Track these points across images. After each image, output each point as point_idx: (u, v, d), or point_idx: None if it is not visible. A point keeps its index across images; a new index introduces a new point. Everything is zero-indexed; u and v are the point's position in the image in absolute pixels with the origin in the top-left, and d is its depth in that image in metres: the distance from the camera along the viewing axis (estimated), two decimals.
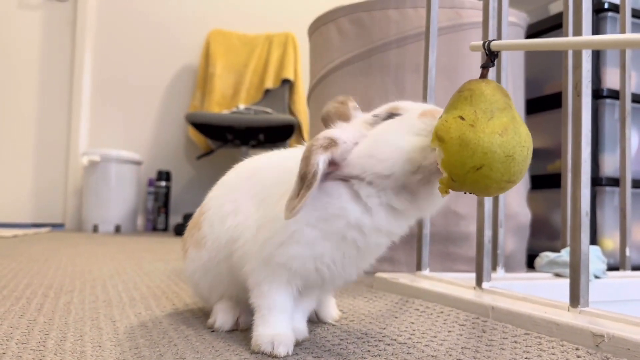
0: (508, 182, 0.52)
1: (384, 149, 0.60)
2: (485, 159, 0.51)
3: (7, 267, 1.42)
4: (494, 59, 0.55)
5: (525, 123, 0.55)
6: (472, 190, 0.54)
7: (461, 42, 1.53)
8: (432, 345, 0.69)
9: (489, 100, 0.52)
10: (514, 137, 0.51)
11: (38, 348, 0.63)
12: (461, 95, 0.54)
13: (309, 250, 0.62)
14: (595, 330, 0.69)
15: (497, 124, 0.51)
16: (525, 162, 0.52)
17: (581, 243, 0.80)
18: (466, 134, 0.51)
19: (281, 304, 0.65)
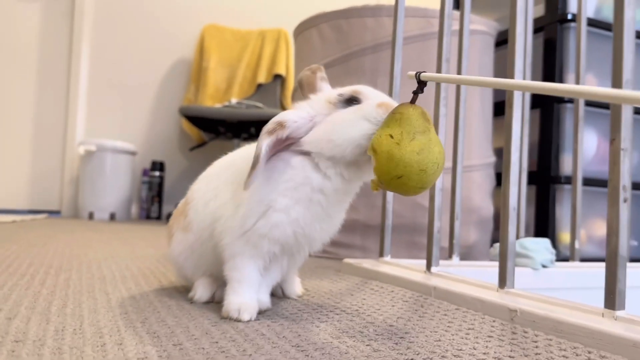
0: (421, 188, 0.69)
1: (339, 136, 0.74)
2: (405, 171, 0.67)
3: (9, 249, 1.55)
4: (423, 87, 0.69)
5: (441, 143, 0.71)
6: (395, 191, 0.70)
7: (432, 50, 1.66)
8: (374, 315, 0.83)
9: (413, 124, 0.68)
10: (428, 155, 0.67)
11: (43, 312, 0.76)
12: (394, 116, 0.70)
13: (286, 216, 0.76)
14: (511, 306, 0.83)
15: (416, 145, 0.67)
16: (435, 174, 0.69)
17: (509, 234, 0.94)
18: (392, 150, 0.67)
19: (249, 277, 0.79)
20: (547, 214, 1.95)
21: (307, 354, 0.60)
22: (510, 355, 0.63)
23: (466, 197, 1.65)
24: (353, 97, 0.76)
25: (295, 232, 0.77)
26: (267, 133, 0.73)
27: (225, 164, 0.89)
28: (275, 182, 0.75)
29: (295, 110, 0.78)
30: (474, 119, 1.71)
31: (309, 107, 0.79)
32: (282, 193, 0.75)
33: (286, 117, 0.75)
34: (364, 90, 0.77)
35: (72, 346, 0.59)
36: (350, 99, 0.76)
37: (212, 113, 3.37)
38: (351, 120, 0.74)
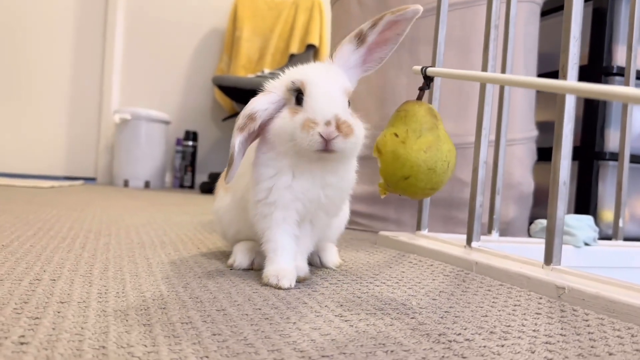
0: (431, 189, 0.65)
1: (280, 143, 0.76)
2: (412, 171, 0.63)
3: (49, 213, 1.58)
4: (429, 82, 0.66)
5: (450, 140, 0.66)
6: (402, 194, 0.67)
7: (474, 17, 1.59)
8: (415, 288, 0.81)
9: (419, 121, 0.64)
10: (436, 153, 0.63)
11: (86, 274, 0.77)
12: (398, 114, 0.66)
13: (276, 181, 0.77)
14: (559, 283, 0.80)
15: (423, 142, 0.63)
16: (445, 174, 0.65)
17: (557, 209, 0.90)
18: (398, 149, 0.64)
19: (282, 245, 0.79)
20: (589, 191, 1.88)
21: (351, 324, 0.59)
22: (561, 333, 0.61)
23: (507, 172, 1.60)
24: (299, 89, 0.75)
25: (297, 198, 0.78)
26: (238, 130, 0.75)
27: None
28: (258, 155, 0.79)
29: (265, 96, 0.78)
30: (517, 90, 1.65)
31: (277, 89, 0.79)
32: (264, 164, 0.78)
33: (256, 108, 0.76)
34: (308, 85, 0.75)
35: (116, 309, 0.59)
36: (297, 90, 0.75)
37: (244, 83, 3.35)
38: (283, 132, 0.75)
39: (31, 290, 0.65)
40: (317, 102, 0.74)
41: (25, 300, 0.60)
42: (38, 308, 0.57)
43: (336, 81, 0.76)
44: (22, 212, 1.57)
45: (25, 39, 4.07)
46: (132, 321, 0.55)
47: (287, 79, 0.78)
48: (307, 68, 0.79)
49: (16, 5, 4.03)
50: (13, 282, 0.69)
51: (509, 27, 1.28)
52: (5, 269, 0.76)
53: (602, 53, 1.90)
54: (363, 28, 0.79)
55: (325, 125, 0.71)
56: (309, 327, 0.56)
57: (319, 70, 0.78)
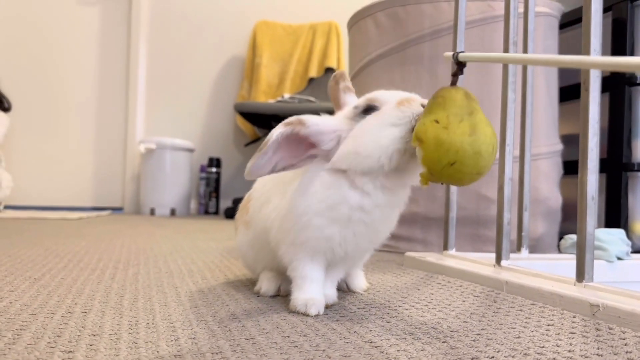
0: (478, 174, 0.63)
1: (367, 147, 0.70)
2: (457, 156, 0.61)
3: (78, 244, 1.61)
4: (462, 68, 0.65)
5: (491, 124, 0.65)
6: (448, 181, 0.64)
7: (493, 34, 1.59)
8: (445, 310, 0.80)
9: (458, 106, 0.63)
10: (481, 136, 0.62)
11: (116, 306, 0.78)
12: (435, 101, 0.64)
13: (319, 233, 0.74)
14: (593, 301, 0.78)
15: (466, 126, 0.62)
16: (490, 157, 0.63)
17: (587, 225, 0.89)
18: (441, 135, 0.62)
19: (312, 274, 0.78)
20: (618, 203, 1.84)
21: (381, 351, 0.58)
22: (598, 353, 0.59)
23: (533, 187, 1.58)
24: (369, 106, 0.73)
25: (332, 249, 0.76)
26: (284, 124, 0.71)
27: None
28: (310, 198, 0.73)
29: (320, 117, 0.76)
30: (540, 104, 1.63)
31: (340, 115, 0.77)
32: (317, 213, 0.73)
33: (309, 118, 0.73)
34: (379, 96, 0.74)
35: (147, 340, 0.60)
36: (367, 108, 0.73)
37: (265, 109, 3.39)
38: (374, 128, 0.71)
39: (64, 323, 0.66)
40: (398, 93, 0.73)
41: (59, 333, 0.61)
42: (71, 341, 0.58)
43: None
44: (52, 244, 1.60)
45: (52, 72, 4.20)
46: (163, 352, 0.55)
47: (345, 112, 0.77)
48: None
49: (44, 41, 4.17)
50: (46, 316, 0.70)
51: (528, 42, 1.27)
52: (38, 303, 0.78)
53: None
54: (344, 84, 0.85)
55: (421, 102, 0.70)
56: (338, 355, 0.56)
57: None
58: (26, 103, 4.10)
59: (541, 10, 1.66)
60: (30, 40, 4.17)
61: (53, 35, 4.20)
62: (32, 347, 0.56)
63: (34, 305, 0.76)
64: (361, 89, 1.85)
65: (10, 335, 0.60)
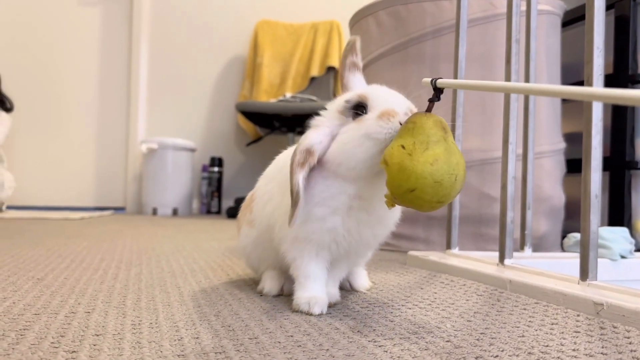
0: (437, 202, 0.64)
1: (349, 159, 0.71)
2: (418, 184, 0.62)
3: (80, 245, 1.61)
4: (439, 94, 0.66)
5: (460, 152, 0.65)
6: (409, 206, 0.65)
7: (495, 32, 1.59)
8: (448, 310, 0.80)
9: (426, 133, 0.63)
10: (443, 166, 0.62)
11: (119, 306, 0.78)
12: (407, 126, 0.65)
13: (322, 224, 0.74)
14: (597, 300, 0.78)
15: (430, 155, 0.62)
16: (452, 187, 0.63)
17: (590, 223, 0.88)
18: (404, 161, 0.62)
19: (314, 273, 0.78)
20: (622, 202, 1.84)
21: (385, 350, 0.58)
22: (602, 352, 0.59)
23: (536, 186, 1.57)
24: (360, 103, 0.73)
25: (336, 241, 0.76)
26: (299, 166, 0.71)
27: (279, 164, 0.88)
28: (310, 190, 0.73)
29: (317, 130, 0.75)
30: (542, 102, 1.63)
31: (326, 120, 0.76)
32: (319, 203, 0.74)
33: (311, 142, 0.73)
34: (371, 94, 0.73)
35: (150, 340, 0.60)
36: (357, 105, 0.73)
37: (267, 108, 3.39)
38: (354, 140, 0.70)
39: (67, 323, 0.66)
40: (388, 98, 0.72)
41: (62, 333, 0.61)
42: (74, 341, 0.58)
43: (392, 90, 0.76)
44: (55, 244, 1.60)
45: (53, 72, 4.20)
46: (166, 352, 0.55)
47: (338, 103, 0.76)
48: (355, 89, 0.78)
49: (45, 41, 4.17)
50: (49, 316, 0.70)
51: (530, 40, 1.27)
52: (41, 303, 0.78)
53: (627, 61, 1.87)
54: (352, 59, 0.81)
55: (405, 115, 0.69)
56: (342, 354, 0.56)
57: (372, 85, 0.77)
58: (28, 103, 4.10)
59: (543, 8, 1.66)
60: (32, 40, 4.17)
61: (54, 36, 4.21)
62: (35, 347, 0.56)
63: (37, 305, 0.76)
64: None
65: (13, 335, 0.60)
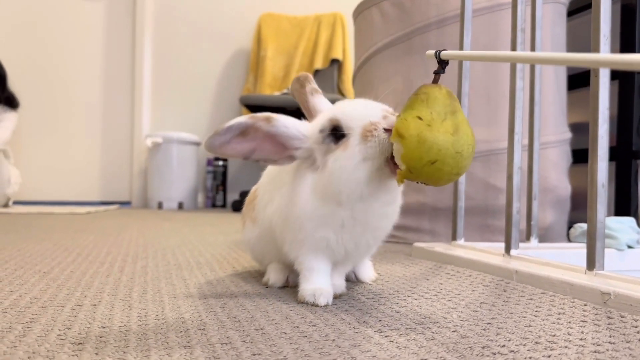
0: (456, 174, 0.63)
1: (347, 185, 0.70)
2: (439, 155, 0.61)
3: (86, 239, 1.62)
4: (444, 66, 0.65)
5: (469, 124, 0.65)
6: (426, 180, 0.64)
7: (500, 22, 1.58)
8: (455, 300, 0.80)
9: (442, 104, 0.62)
10: (463, 136, 0.62)
11: (125, 298, 0.78)
12: (418, 97, 0.63)
13: (314, 233, 0.75)
14: (604, 289, 0.77)
15: (450, 125, 0.61)
16: (470, 158, 0.63)
17: (597, 213, 0.88)
18: (424, 132, 0.61)
19: (318, 266, 0.78)
20: (628, 192, 1.83)
21: (391, 340, 0.58)
22: (610, 341, 0.59)
23: (542, 176, 1.56)
24: (334, 127, 0.72)
25: (329, 247, 0.76)
26: (250, 116, 0.72)
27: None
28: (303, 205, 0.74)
29: (294, 120, 0.76)
30: (548, 92, 1.62)
31: (310, 127, 0.76)
32: (309, 218, 0.74)
33: (277, 117, 0.74)
34: (340, 115, 0.72)
35: (157, 332, 0.60)
36: (333, 129, 0.72)
37: (271, 101, 3.39)
38: (350, 165, 0.70)
39: (73, 316, 0.66)
40: (360, 112, 0.72)
41: (68, 326, 0.61)
42: (81, 334, 0.58)
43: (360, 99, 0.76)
44: (61, 238, 1.61)
45: (58, 69, 4.21)
46: (172, 343, 0.55)
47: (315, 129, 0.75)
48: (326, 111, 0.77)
49: (49, 37, 4.18)
50: (56, 309, 0.70)
51: (535, 30, 1.26)
52: (47, 296, 0.78)
53: (633, 50, 1.86)
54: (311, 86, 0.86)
55: (384, 118, 0.69)
56: (348, 345, 0.56)
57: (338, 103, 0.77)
58: (33, 100, 4.11)
59: None
60: (37, 38, 4.18)
61: (59, 32, 4.21)
62: (42, 340, 0.56)
63: (44, 298, 0.77)
64: (366, 80, 1.84)
65: (20, 328, 0.60)
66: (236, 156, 0.74)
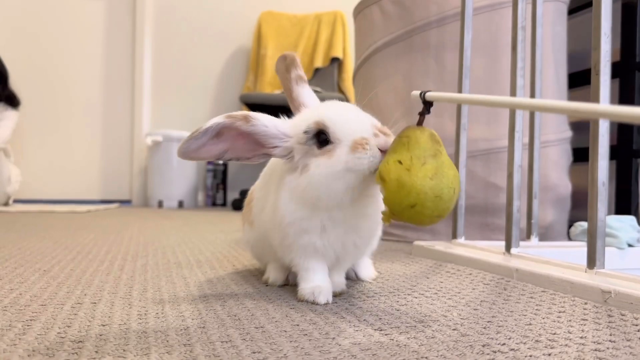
0: (438, 217, 0.63)
1: (328, 193, 0.69)
2: (418, 199, 0.61)
3: (86, 237, 1.62)
4: (429, 107, 0.65)
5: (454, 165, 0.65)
6: (408, 222, 0.64)
7: (501, 20, 1.57)
8: (455, 298, 0.79)
9: (422, 148, 0.62)
10: (442, 180, 0.61)
11: (125, 296, 0.78)
12: (400, 140, 0.64)
13: (297, 239, 0.74)
14: (604, 287, 0.77)
15: (429, 169, 0.61)
16: (451, 201, 0.63)
17: (598, 211, 0.88)
18: (403, 177, 0.61)
19: (314, 266, 0.77)
20: (629, 190, 1.83)
21: (391, 338, 0.58)
22: (610, 339, 0.59)
23: (542, 175, 1.56)
24: (319, 131, 0.71)
25: (318, 250, 0.75)
26: (227, 115, 0.71)
27: (272, 166, 0.86)
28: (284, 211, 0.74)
29: (273, 118, 0.74)
30: (548, 89, 1.61)
31: (292, 126, 0.74)
32: (289, 224, 0.74)
33: (256, 115, 0.72)
34: (328, 121, 0.71)
35: (157, 330, 0.60)
36: (318, 133, 0.71)
37: (271, 100, 3.39)
38: (333, 174, 0.69)
39: (73, 314, 0.66)
40: (350, 124, 0.70)
41: (68, 324, 0.61)
42: (81, 331, 0.58)
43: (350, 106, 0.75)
44: (61, 237, 1.61)
45: (58, 67, 4.20)
46: (172, 341, 0.55)
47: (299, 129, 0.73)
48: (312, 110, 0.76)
49: (49, 36, 4.17)
50: (56, 307, 0.70)
51: (536, 27, 1.26)
52: (47, 294, 0.78)
53: (634, 48, 1.85)
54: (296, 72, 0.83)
55: (375, 136, 0.69)
56: (348, 343, 0.56)
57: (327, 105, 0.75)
58: (33, 98, 4.10)
59: None
60: (37, 36, 4.17)
61: (59, 31, 4.21)
62: (42, 338, 0.56)
63: (44, 296, 0.76)
64: (368, 77, 1.84)
65: (20, 325, 0.60)
66: (209, 158, 0.72)
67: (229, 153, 0.72)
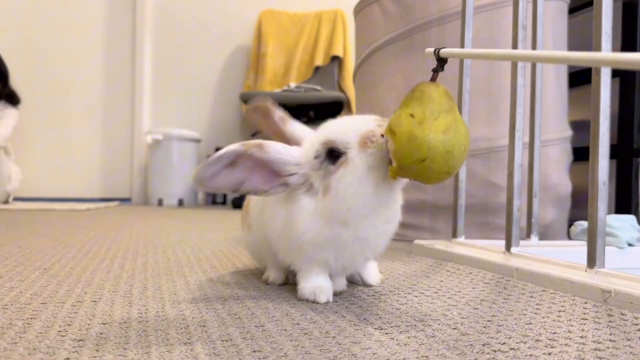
0: (446, 173, 0.62)
1: (358, 200, 0.69)
2: (429, 153, 0.60)
3: (87, 235, 1.62)
4: (443, 64, 0.64)
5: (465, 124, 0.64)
6: (415, 178, 0.64)
7: (502, 19, 1.57)
8: (455, 298, 0.80)
9: (436, 102, 0.61)
10: (454, 135, 0.61)
11: (125, 295, 0.78)
12: (413, 95, 0.63)
13: (313, 257, 0.75)
14: (604, 287, 0.77)
15: (441, 124, 0.61)
16: (461, 157, 0.62)
17: (598, 210, 0.88)
18: (414, 130, 0.60)
19: (315, 267, 0.77)
20: (629, 190, 1.83)
21: (391, 337, 0.58)
22: (610, 339, 0.59)
23: (542, 174, 1.56)
24: (330, 149, 0.71)
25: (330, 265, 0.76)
26: (241, 143, 0.70)
27: None
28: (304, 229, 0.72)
29: (286, 146, 0.74)
30: (549, 89, 1.61)
31: (302, 155, 0.74)
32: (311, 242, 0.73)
33: (271, 143, 0.72)
34: (332, 135, 0.71)
35: (157, 328, 0.60)
36: (330, 152, 0.71)
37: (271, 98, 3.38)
38: (358, 179, 0.68)
39: (74, 312, 0.66)
40: (352, 123, 0.71)
41: (69, 322, 0.61)
42: (81, 330, 0.58)
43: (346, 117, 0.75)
44: (61, 235, 1.61)
45: (58, 65, 4.20)
46: (172, 340, 0.55)
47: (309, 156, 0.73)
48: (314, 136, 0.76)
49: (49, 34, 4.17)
50: (56, 305, 0.70)
51: (537, 27, 1.25)
52: (48, 292, 0.78)
53: (635, 48, 1.85)
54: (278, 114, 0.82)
55: (379, 127, 0.68)
56: (349, 342, 0.56)
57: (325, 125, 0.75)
58: (33, 97, 4.10)
59: None
60: (37, 35, 4.17)
61: (59, 29, 4.20)
62: (42, 336, 0.56)
63: (44, 294, 0.77)
64: (368, 76, 1.84)
65: (20, 324, 0.60)
66: (226, 189, 0.71)
67: (245, 185, 0.71)
